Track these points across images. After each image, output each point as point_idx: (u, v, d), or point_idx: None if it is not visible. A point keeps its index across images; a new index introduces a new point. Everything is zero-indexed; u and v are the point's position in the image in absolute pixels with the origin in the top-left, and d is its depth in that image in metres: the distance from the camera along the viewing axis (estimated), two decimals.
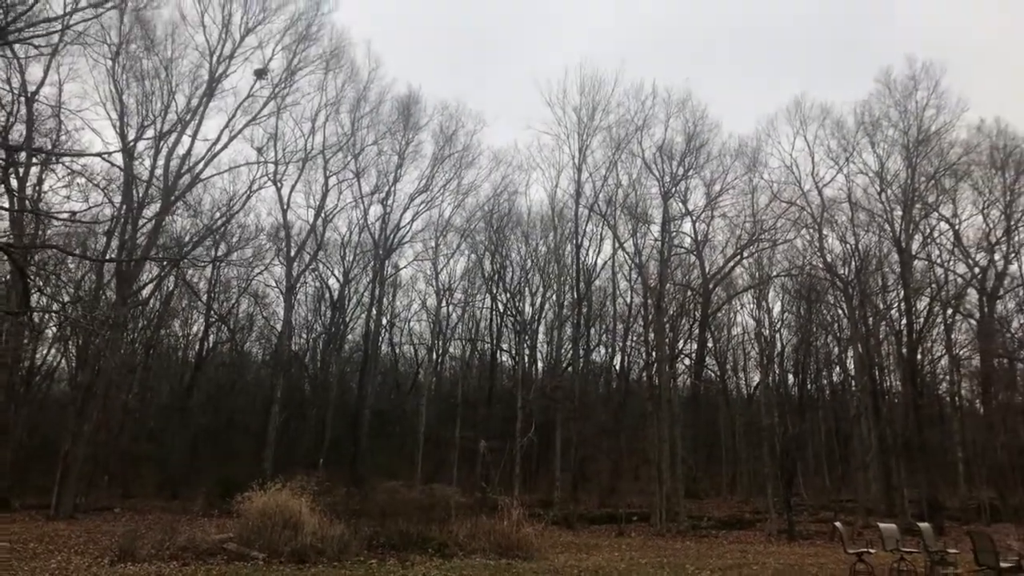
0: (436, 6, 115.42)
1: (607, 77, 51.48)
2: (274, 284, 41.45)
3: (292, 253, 36.61)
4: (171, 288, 36.77)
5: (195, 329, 41.99)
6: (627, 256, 37.38)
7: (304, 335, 45.95)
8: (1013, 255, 34.55)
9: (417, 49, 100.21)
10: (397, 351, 48.78)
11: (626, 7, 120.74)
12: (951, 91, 43.18)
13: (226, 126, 31.81)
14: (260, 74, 32.72)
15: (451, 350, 47.07)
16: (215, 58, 31.29)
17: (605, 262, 40.85)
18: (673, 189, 35.43)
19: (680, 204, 36.90)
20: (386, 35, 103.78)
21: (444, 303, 41.58)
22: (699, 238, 38.69)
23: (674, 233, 36.23)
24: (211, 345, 41.65)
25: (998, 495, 29.44)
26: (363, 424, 36.42)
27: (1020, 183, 34.20)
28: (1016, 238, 34.40)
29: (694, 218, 38.00)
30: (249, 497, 17.07)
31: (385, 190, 39.38)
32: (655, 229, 35.66)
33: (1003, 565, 13.06)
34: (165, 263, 32.09)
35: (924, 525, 17.15)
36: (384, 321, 42.55)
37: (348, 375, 43.83)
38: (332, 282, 43.39)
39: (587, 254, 39.45)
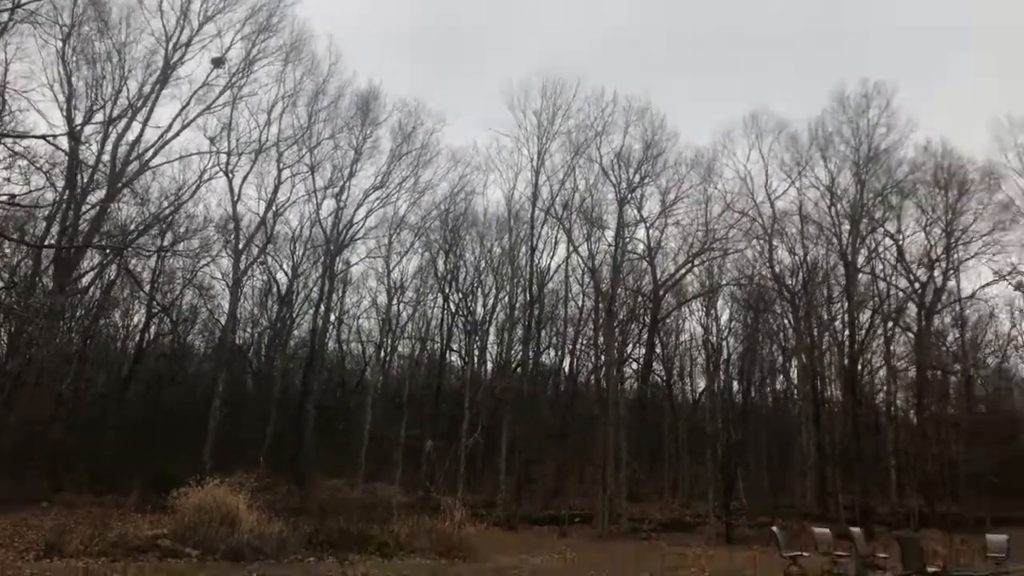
0: (401, 3, 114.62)
1: (569, 82, 51.48)
2: (220, 276, 40.59)
3: (240, 245, 35.89)
4: (113, 277, 35.72)
5: (136, 320, 40.88)
6: (581, 260, 37.67)
7: (249, 329, 45.06)
8: (952, 272, 35.76)
9: (379, 45, 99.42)
10: (344, 348, 48.22)
11: (591, 14, 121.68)
12: (901, 111, 44.39)
13: (179, 114, 31.13)
14: (217, 63, 32.06)
15: (400, 349, 46.71)
16: (171, 45, 30.61)
17: (559, 265, 41.01)
18: (629, 196, 35.83)
19: (635, 211, 37.31)
20: (348, 29, 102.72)
21: (395, 301, 41.30)
22: (652, 245, 39.09)
23: (628, 239, 36.65)
24: (152, 336, 40.57)
25: (927, 503, 30.37)
26: (307, 421, 35.86)
27: (961, 203, 35.38)
28: (955, 256, 35.60)
29: (648, 225, 38.41)
30: (185, 493, 16.72)
31: (339, 185, 38.79)
32: (609, 234, 36.03)
33: (929, 570, 13.53)
34: (108, 251, 31.18)
35: (856, 530, 17.64)
36: (332, 318, 42.00)
37: (293, 371, 43.13)
38: (280, 276, 42.65)
39: (541, 257, 39.56)
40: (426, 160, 40.25)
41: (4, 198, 21.45)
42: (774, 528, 19.31)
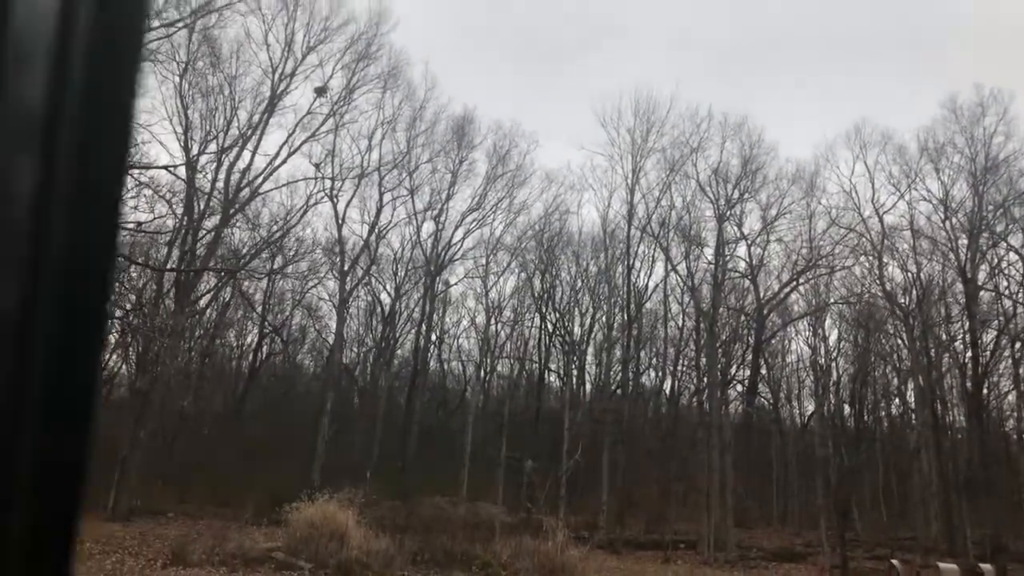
0: (496, 28, 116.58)
1: (662, 99, 51.19)
2: (327, 297, 42.09)
3: (345, 267, 37.16)
4: (227, 299, 37.59)
5: (249, 339, 42.83)
6: (679, 279, 37.01)
7: (355, 348, 46.46)
8: None
9: (474, 69, 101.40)
10: (445, 367, 48.95)
11: (684, 29, 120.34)
12: (1021, 118, 41.72)
13: (285, 142, 32.57)
14: (320, 92, 33.44)
15: (499, 368, 47.00)
16: (277, 75, 32.14)
17: (656, 284, 40.38)
18: (728, 212, 35.02)
19: (735, 228, 36.43)
20: (444, 54, 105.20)
21: (493, 321, 41.64)
22: (754, 263, 38.02)
23: (728, 257, 35.79)
24: (264, 356, 42.42)
25: None
26: (411, 439, 36.56)
27: None
28: None
29: (749, 242, 37.41)
30: (297, 507, 17.28)
31: (438, 207, 39.84)
32: (708, 252, 35.29)
33: None
34: (223, 274, 32.86)
35: (987, 567, 16.50)
36: (433, 337, 42.82)
37: (397, 390, 44.11)
38: (384, 297, 43.87)
39: (638, 276, 39.08)
40: (521, 181, 40.86)
41: (131, 225, 22.98)
42: (894, 561, 18.33)
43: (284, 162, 32.83)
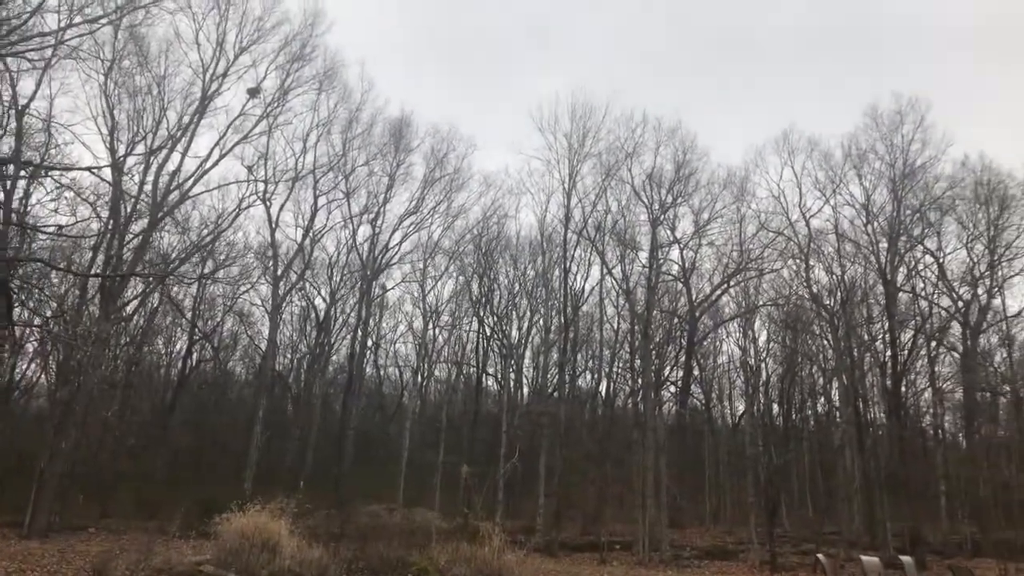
0: (432, 31, 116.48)
1: (598, 104, 52.07)
2: (260, 303, 41.29)
3: (279, 272, 36.49)
4: (155, 305, 36.44)
5: (178, 347, 41.63)
6: (615, 282, 37.50)
7: (288, 355, 45.69)
8: (996, 290, 34.90)
9: (411, 72, 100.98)
10: (382, 373, 48.58)
11: (620, 36, 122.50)
12: (936, 126, 43.65)
13: (217, 144, 31.78)
14: (253, 93, 32.73)
15: (436, 373, 46.91)
16: (208, 76, 31.28)
17: (593, 288, 40.92)
18: (661, 216, 35.63)
19: (668, 232, 37.15)
20: (380, 58, 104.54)
21: (431, 325, 41.52)
22: (686, 266, 38.94)
23: (662, 260, 36.39)
24: (194, 363, 41.27)
25: (980, 529, 29.42)
26: (346, 446, 36.08)
27: (1003, 218, 34.62)
28: (999, 273, 34.78)
29: (682, 246, 38.28)
30: (227, 518, 16.82)
31: (375, 211, 39.50)
32: (643, 256, 35.82)
33: None
34: (150, 279, 31.81)
35: (906, 559, 17.18)
36: (369, 342, 42.44)
37: (332, 396, 43.52)
38: (318, 302, 43.30)
39: (575, 279, 39.48)
40: (459, 185, 40.92)
41: (52, 229, 22.10)
42: (820, 555, 18.93)
43: (215, 164, 32.03)
